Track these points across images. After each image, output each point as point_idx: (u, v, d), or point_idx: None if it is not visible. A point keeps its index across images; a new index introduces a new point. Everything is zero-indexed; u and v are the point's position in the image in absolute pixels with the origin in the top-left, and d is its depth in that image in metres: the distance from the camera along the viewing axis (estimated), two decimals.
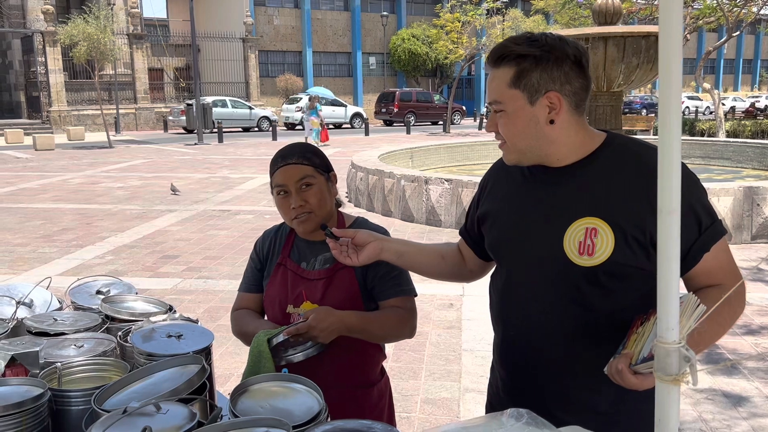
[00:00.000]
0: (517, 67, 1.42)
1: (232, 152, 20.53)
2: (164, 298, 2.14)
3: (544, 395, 1.54)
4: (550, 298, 1.48)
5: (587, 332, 1.45)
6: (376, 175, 9.95)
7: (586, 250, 1.41)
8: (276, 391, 1.45)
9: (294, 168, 1.84)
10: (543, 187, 1.51)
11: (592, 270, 1.41)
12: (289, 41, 39.09)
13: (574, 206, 1.45)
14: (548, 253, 1.46)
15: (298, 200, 1.83)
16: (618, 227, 1.39)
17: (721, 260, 1.43)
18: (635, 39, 8.85)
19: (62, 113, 29.98)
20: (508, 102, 1.44)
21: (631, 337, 1.34)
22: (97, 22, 21.02)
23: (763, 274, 6.38)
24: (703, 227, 1.40)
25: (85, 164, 17.39)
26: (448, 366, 4.35)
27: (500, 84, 1.45)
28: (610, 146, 1.48)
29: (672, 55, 0.84)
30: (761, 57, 63.16)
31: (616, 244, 1.39)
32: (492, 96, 1.47)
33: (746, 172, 12.02)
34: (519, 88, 1.42)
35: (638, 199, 1.39)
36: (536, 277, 1.50)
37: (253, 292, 2.01)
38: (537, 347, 1.52)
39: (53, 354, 1.64)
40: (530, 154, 1.48)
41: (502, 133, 1.48)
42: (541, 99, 1.42)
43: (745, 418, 3.57)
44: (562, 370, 1.50)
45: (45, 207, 10.87)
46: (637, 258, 1.40)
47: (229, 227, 9.01)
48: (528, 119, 1.43)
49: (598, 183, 1.45)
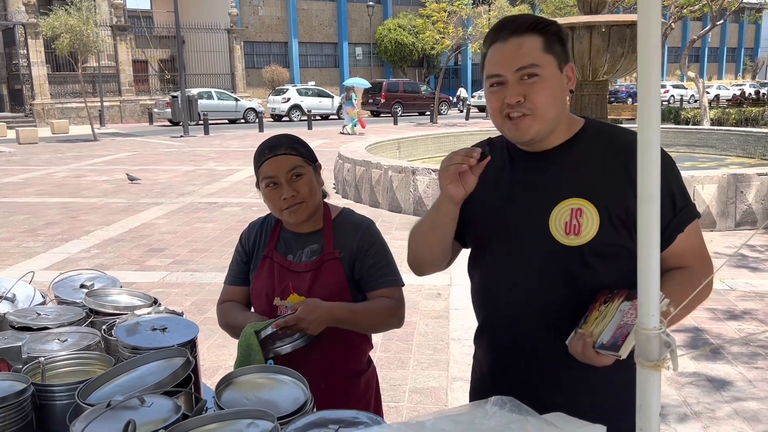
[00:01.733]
0: (544, 36, 1.44)
1: (218, 144, 20.41)
2: (151, 292, 2.13)
3: (531, 376, 1.55)
4: (536, 279, 1.50)
5: (573, 312, 1.47)
6: (364, 166, 9.93)
7: (572, 230, 1.44)
8: (262, 382, 1.45)
9: (284, 159, 1.83)
10: (527, 172, 1.53)
11: (578, 249, 1.45)
12: (274, 32, 38.84)
13: (559, 188, 1.48)
14: (534, 235, 1.49)
15: (290, 191, 1.82)
16: (602, 207, 1.43)
17: (693, 242, 1.48)
18: (620, 28, 8.87)
19: (46, 106, 29.65)
20: (545, 66, 1.43)
21: (593, 314, 1.37)
22: (79, 14, 20.77)
23: (747, 260, 6.45)
24: (678, 208, 1.44)
25: (70, 157, 17.22)
26: (435, 355, 4.37)
27: (533, 48, 1.43)
28: (589, 130, 1.53)
29: (651, 45, 0.85)
30: (745, 45, 63.59)
31: (601, 223, 1.43)
32: (526, 60, 1.42)
33: (730, 160, 12.12)
34: (552, 54, 1.44)
35: (619, 179, 1.43)
36: (522, 258, 1.52)
37: (239, 284, 2.00)
38: (522, 328, 1.54)
39: (36, 349, 1.63)
40: (552, 125, 1.47)
41: (534, 101, 1.42)
42: (566, 68, 1.47)
43: (728, 401, 3.61)
44: (548, 349, 1.51)
45: (29, 201, 10.76)
46: (621, 237, 1.44)
47: (216, 219, 8.97)
48: (561, 85, 1.46)
49: (581, 165, 1.48)
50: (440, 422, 1.09)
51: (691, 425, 3.38)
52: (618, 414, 1.36)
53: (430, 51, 33.12)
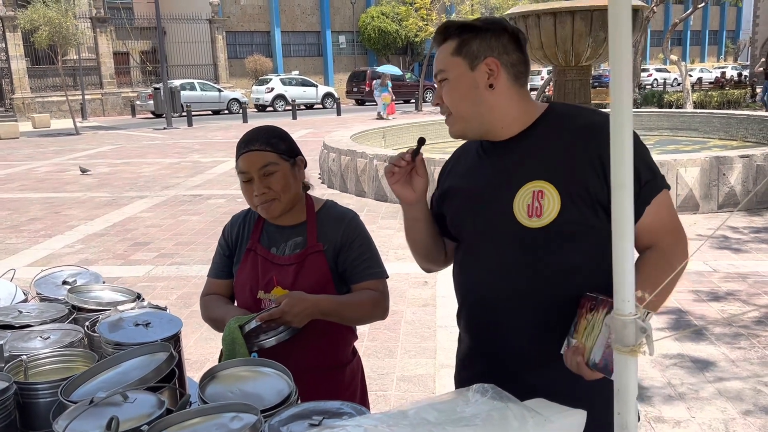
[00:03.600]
0: (459, 38, 1.54)
1: (202, 136, 20.27)
2: (136, 286, 2.12)
3: (507, 356, 1.59)
4: (506, 261, 1.55)
5: (542, 293, 1.52)
6: (349, 156, 9.91)
7: (534, 212, 1.49)
8: (245, 375, 1.46)
9: (256, 155, 1.82)
10: (493, 159, 1.60)
11: (541, 231, 1.49)
12: (256, 21, 38.50)
13: (521, 172, 1.53)
14: (501, 219, 1.54)
15: (261, 187, 1.82)
16: (563, 187, 1.47)
17: (662, 215, 1.49)
18: (602, 12, 8.88)
19: (26, 100, 29.26)
20: (451, 69, 1.54)
21: (581, 323, 1.39)
22: (57, 6, 20.48)
23: (729, 242, 6.52)
24: (644, 181, 1.47)
25: (52, 152, 17.03)
26: (423, 343, 4.39)
27: (444, 55, 1.56)
28: (550, 114, 1.58)
29: (622, 33, 0.85)
30: (726, 28, 63.95)
31: (562, 204, 1.46)
32: (437, 67, 1.57)
33: (713, 143, 12.21)
34: (461, 56, 1.53)
35: (578, 159, 1.48)
36: (491, 242, 1.57)
37: (222, 278, 2.00)
38: (496, 310, 1.58)
39: (18, 347, 1.63)
40: (473, 122, 1.56)
41: (446, 102, 1.56)
42: (481, 65, 1.52)
43: (711, 381, 3.67)
44: (520, 330, 1.56)
45: (11, 197, 10.65)
46: (584, 216, 1.47)
47: (201, 212, 8.93)
48: (469, 84, 1.53)
49: (541, 148, 1.53)
50: (422, 411, 1.11)
51: (676, 406, 3.43)
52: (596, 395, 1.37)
53: (413, 38, 33.01)
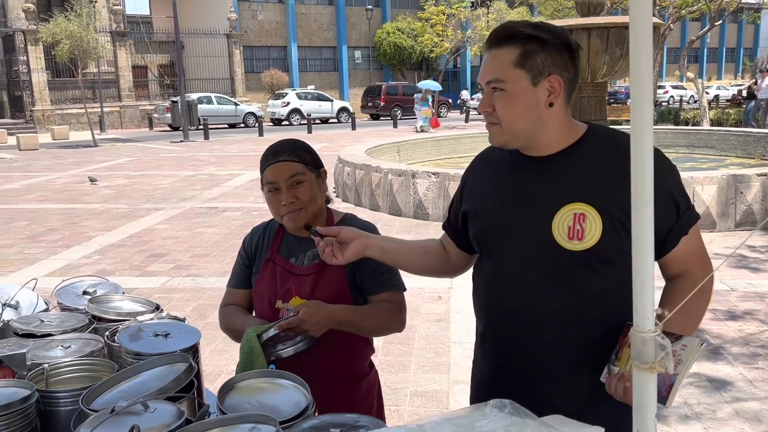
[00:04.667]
0: (523, 48, 1.44)
1: (218, 149, 20.44)
2: (152, 297, 2.14)
3: (533, 379, 1.56)
4: (540, 283, 1.51)
5: (576, 315, 1.49)
6: (363, 170, 9.95)
7: (575, 234, 1.45)
8: (263, 387, 1.47)
9: (284, 165, 1.85)
10: (529, 176, 1.54)
11: (582, 254, 1.45)
12: (273, 36, 38.88)
13: (562, 192, 1.48)
14: (537, 239, 1.49)
15: (289, 197, 1.84)
16: (605, 212, 1.44)
17: (694, 245, 1.50)
18: (618, 30, 8.88)
19: (46, 112, 29.70)
20: (511, 81, 1.45)
21: (624, 351, 1.38)
22: (79, 20, 20.82)
23: (747, 260, 6.46)
24: (681, 211, 1.46)
25: (70, 163, 17.25)
26: (437, 358, 4.38)
27: (503, 63, 1.45)
28: (592, 136, 1.53)
29: (643, 53, 0.86)
30: (744, 45, 63.60)
31: (604, 228, 1.44)
32: (493, 74, 1.47)
33: (730, 160, 12.13)
34: (524, 69, 1.44)
35: (621, 185, 1.42)
36: (525, 262, 1.53)
37: (241, 287, 2.02)
38: (526, 331, 1.55)
39: (40, 355, 1.64)
40: (523, 137, 1.50)
41: (499, 113, 1.47)
42: (544, 81, 1.45)
43: (728, 402, 3.62)
44: (551, 352, 1.53)
45: (30, 207, 10.78)
46: (623, 242, 1.44)
47: (217, 224, 8.99)
48: (529, 100, 1.46)
49: (584, 170, 1.49)
50: (440, 425, 1.11)
51: (693, 426, 3.38)
52: (619, 416, 1.37)
53: (429, 54, 33.20)
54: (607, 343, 1.46)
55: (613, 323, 1.46)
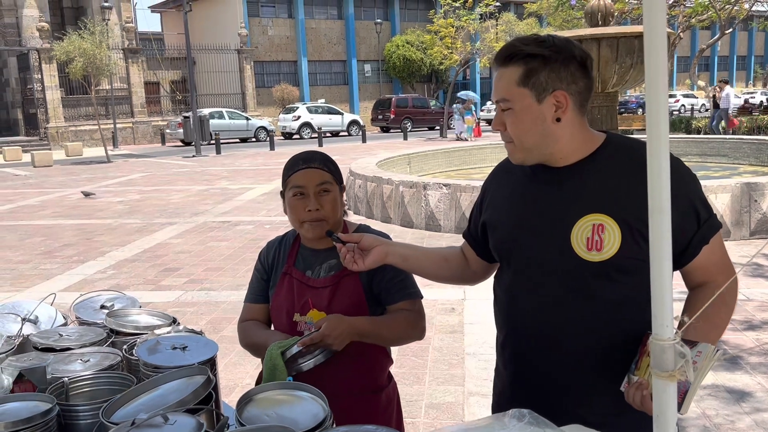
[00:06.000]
0: (526, 66, 1.46)
1: (230, 163, 20.56)
2: (167, 311, 2.16)
3: (554, 388, 1.56)
4: (560, 293, 1.51)
5: (596, 324, 1.49)
6: (375, 182, 9.97)
7: (594, 245, 1.45)
8: (281, 399, 1.47)
9: (316, 172, 1.87)
10: (547, 187, 1.55)
11: (601, 264, 1.46)
12: (284, 51, 39.20)
13: (580, 203, 1.49)
14: (557, 250, 1.50)
15: (315, 204, 1.85)
16: (624, 222, 1.44)
17: (716, 254, 1.49)
18: (628, 39, 8.87)
19: (60, 129, 30.04)
20: (516, 100, 1.47)
21: (643, 360, 1.38)
22: (92, 38, 21.09)
23: (763, 269, 6.40)
24: (702, 220, 1.45)
25: (84, 179, 17.41)
26: (451, 370, 4.36)
27: (508, 83, 1.48)
28: (610, 145, 1.53)
29: (657, 61, 0.87)
30: (755, 53, 63.31)
31: (623, 238, 1.44)
32: (500, 94, 1.50)
33: (743, 169, 12.05)
34: (527, 87, 1.46)
35: (639, 195, 1.43)
36: (545, 273, 1.53)
37: (259, 302, 2.03)
38: (547, 341, 1.55)
39: (60, 369, 1.66)
40: (536, 152, 1.51)
41: (509, 132, 1.51)
42: (549, 97, 1.46)
43: (748, 413, 3.58)
44: (572, 361, 1.53)
45: (45, 223, 10.88)
46: (642, 252, 1.43)
47: (230, 238, 9.03)
48: (535, 117, 1.47)
49: (602, 180, 1.49)
50: None
51: None
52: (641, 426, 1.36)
53: (438, 66, 33.28)
54: (628, 353, 1.45)
55: (633, 333, 1.46)
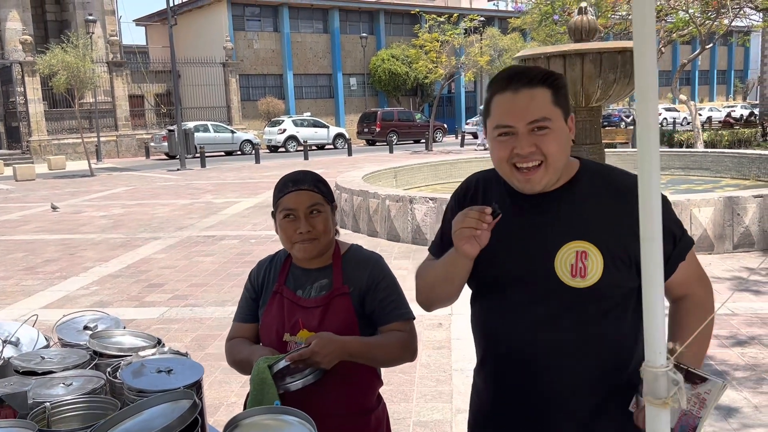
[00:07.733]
0: (554, 87, 1.49)
1: (215, 177, 20.48)
2: (151, 328, 2.13)
3: (539, 406, 1.55)
4: (543, 319, 1.51)
5: (582, 348, 1.49)
6: (361, 196, 9.97)
7: (578, 272, 1.46)
8: (268, 424, 1.45)
9: (306, 194, 1.87)
10: (529, 211, 1.55)
11: (585, 291, 1.46)
12: (269, 64, 39.23)
13: (563, 230, 1.50)
14: (540, 275, 1.50)
15: (307, 225, 1.84)
16: (606, 249, 1.46)
17: (692, 266, 1.54)
18: (611, 54, 8.98)
19: (42, 143, 29.78)
20: (555, 119, 1.47)
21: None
22: (75, 51, 20.98)
23: (748, 283, 6.45)
24: (677, 239, 1.50)
25: (67, 193, 17.25)
26: (439, 387, 4.34)
27: (545, 101, 1.47)
28: (586, 172, 1.56)
29: (648, 83, 0.87)
30: (734, 67, 64.40)
31: (605, 265, 1.45)
32: (540, 113, 1.46)
33: (725, 182, 12.19)
34: (559, 107, 1.49)
35: (618, 223, 1.47)
36: (528, 296, 1.53)
37: (248, 321, 2.01)
38: (532, 363, 1.54)
39: (42, 393, 1.63)
40: (557, 174, 1.52)
41: (546, 152, 1.46)
42: (568, 119, 1.51)
43: (735, 428, 3.59)
44: (556, 383, 1.53)
45: (27, 238, 10.75)
46: (624, 278, 1.47)
47: (215, 253, 8.96)
48: (567, 137, 1.51)
49: (582, 207, 1.51)
50: None
51: None
52: None
53: (423, 80, 33.48)
54: (611, 378, 1.48)
55: (617, 356, 1.49)
